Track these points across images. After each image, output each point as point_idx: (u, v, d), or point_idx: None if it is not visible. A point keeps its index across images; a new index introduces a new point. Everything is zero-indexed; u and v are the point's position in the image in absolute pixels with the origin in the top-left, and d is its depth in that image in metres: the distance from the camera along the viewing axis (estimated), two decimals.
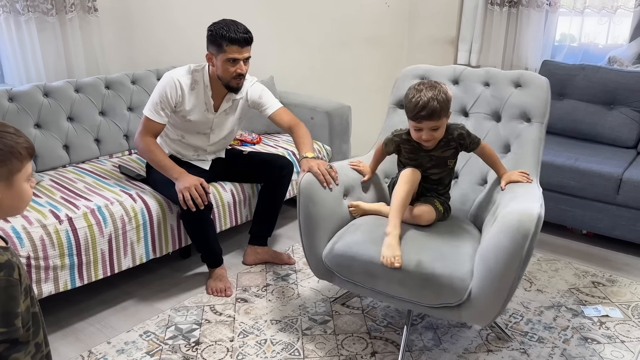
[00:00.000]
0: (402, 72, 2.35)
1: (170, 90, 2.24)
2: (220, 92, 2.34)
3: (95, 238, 2.05)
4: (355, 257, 1.81)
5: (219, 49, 2.19)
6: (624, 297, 2.34)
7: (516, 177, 1.91)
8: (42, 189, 2.23)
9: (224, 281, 2.37)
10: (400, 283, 1.74)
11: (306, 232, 1.95)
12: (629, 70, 3.06)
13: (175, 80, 2.25)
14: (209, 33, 2.21)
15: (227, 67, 2.22)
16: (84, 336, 2.08)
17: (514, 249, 1.59)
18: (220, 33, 2.16)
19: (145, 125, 2.27)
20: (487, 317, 1.71)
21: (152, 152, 2.25)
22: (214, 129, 2.43)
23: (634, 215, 2.61)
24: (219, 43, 2.18)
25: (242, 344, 2.02)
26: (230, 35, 2.15)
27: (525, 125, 2.11)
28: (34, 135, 2.44)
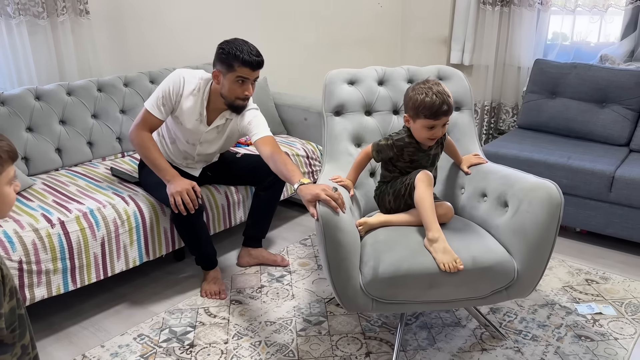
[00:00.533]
0: (328, 77, 2.26)
1: (174, 85, 2.21)
2: (216, 108, 2.27)
3: (88, 241, 2.05)
4: (409, 273, 1.70)
5: (229, 68, 2.14)
6: (617, 294, 2.35)
7: (475, 160, 2.11)
8: (34, 193, 2.22)
9: (219, 284, 2.36)
10: (457, 284, 1.72)
11: (337, 265, 1.70)
12: (621, 68, 3.07)
13: (181, 77, 2.22)
14: (220, 51, 2.14)
15: (234, 88, 2.17)
16: (77, 340, 2.07)
17: (551, 220, 1.73)
18: (233, 53, 2.11)
19: (144, 118, 2.22)
20: (529, 288, 1.83)
21: (148, 148, 2.20)
22: (202, 143, 2.36)
23: (626, 212, 2.62)
24: (230, 63, 2.12)
25: (237, 346, 2.02)
26: (243, 57, 2.11)
27: (457, 114, 2.24)
28: (26, 139, 2.43)
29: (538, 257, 1.77)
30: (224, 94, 2.20)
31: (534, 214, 1.75)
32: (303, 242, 2.82)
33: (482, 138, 3.73)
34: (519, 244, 1.78)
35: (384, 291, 1.74)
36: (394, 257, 1.73)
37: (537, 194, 1.76)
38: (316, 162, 3.00)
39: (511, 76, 3.61)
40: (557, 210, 1.74)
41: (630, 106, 2.98)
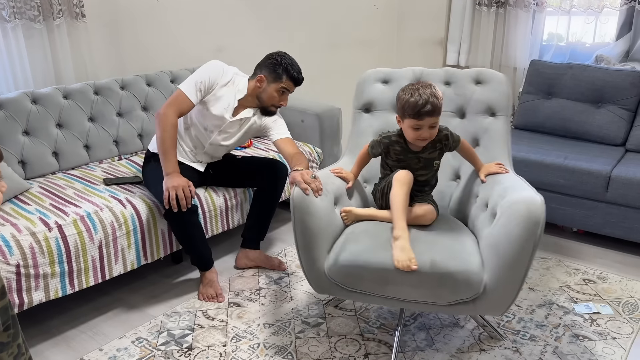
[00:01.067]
0: (363, 76, 2.33)
1: (215, 73, 2.31)
2: (245, 104, 2.39)
3: (86, 245, 2.04)
4: (366, 265, 1.74)
5: (276, 78, 2.32)
6: (615, 293, 2.36)
7: (494, 169, 2.00)
8: (31, 197, 2.22)
9: (215, 287, 2.36)
10: (414, 285, 1.72)
11: (304, 247, 1.85)
12: (616, 68, 3.09)
13: (221, 67, 2.34)
14: (274, 61, 2.33)
15: (275, 96, 2.35)
16: (75, 344, 2.07)
17: (527, 237, 1.63)
18: (285, 67, 2.32)
19: (178, 99, 2.24)
20: (502, 307, 1.74)
21: (167, 132, 2.19)
22: (221, 132, 2.40)
23: (623, 212, 2.63)
24: (279, 74, 2.32)
25: (235, 349, 2.01)
26: (293, 73, 2.33)
27: (491, 119, 2.19)
28: (23, 143, 2.43)
29: (510, 274, 1.66)
30: (264, 98, 2.35)
31: (508, 228, 1.66)
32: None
33: None
34: (491, 258, 1.71)
35: (342, 278, 1.81)
36: (357, 248, 1.80)
37: (516, 208, 1.66)
38: (313, 163, 3.00)
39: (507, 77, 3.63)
40: (535, 228, 1.61)
41: (626, 106, 3.00)
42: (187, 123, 2.42)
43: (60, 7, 2.58)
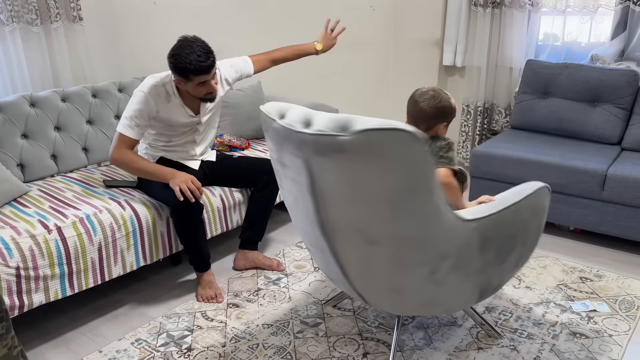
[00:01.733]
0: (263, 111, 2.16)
1: (144, 107, 2.24)
2: (195, 101, 2.35)
3: (85, 247, 2.05)
4: None
5: (186, 79, 2.19)
6: (612, 291, 2.37)
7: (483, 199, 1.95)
8: (30, 199, 2.23)
9: (214, 288, 2.37)
10: None
11: None
12: (611, 67, 3.11)
13: (150, 96, 2.25)
14: (172, 65, 2.17)
15: (198, 90, 2.25)
16: (75, 346, 2.07)
17: None
18: (183, 67, 2.13)
19: (120, 140, 2.25)
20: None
21: (135, 161, 2.25)
22: (200, 130, 2.47)
23: (619, 210, 2.65)
24: (185, 75, 2.17)
25: (235, 349, 2.02)
26: (194, 67, 2.13)
27: None
28: (21, 146, 2.43)
29: None
30: (192, 95, 2.30)
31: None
32: (299, 245, 2.83)
33: (476, 139, 3.76)
34: None
35: None
36: None
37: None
38: None
39: (503, 77, 3.64)
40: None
41: (621, 105, 3.01)
42: (167, 138, 2.42)
43: (58, 10, 2.59)
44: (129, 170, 2.29)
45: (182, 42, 2.18)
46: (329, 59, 3.84)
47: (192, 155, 2.49)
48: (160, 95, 2.28)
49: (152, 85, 2.27)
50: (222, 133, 3.02)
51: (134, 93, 2.28)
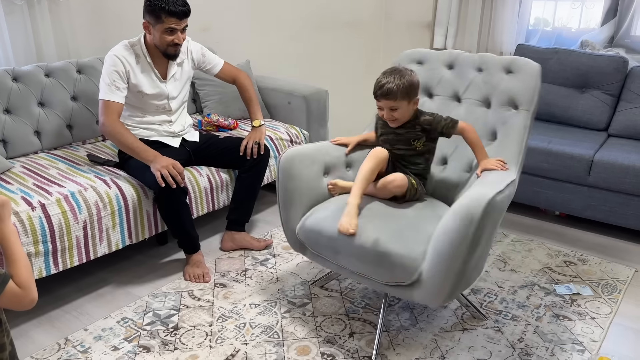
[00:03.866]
0: (400, 56, 2.36)
1: (117, 67, 2.27)
2: (162, 60, 2.38)
3: (70, 224, 2.02)
4: (321, 231, 1.88)
5: (157, 20, 2.23)
6: (595, 275, 2.41)
7: (492, 165, 1.92)
8: (13, 176, 2.18)
9: (202, 267, 2.36)
10: (358, 258, 1.79)
11: (283, 206, 2.05)
12: (601, 54, 3.11)
13: (120, 56, 2.28)
14: (147, 3, 2.23)
15: (164, 37, 2.27)
16: (60, 324, 2.06)
17: (460, 233, 1.61)
18: (159, 5, 2.19)
19: (106, 108, 2.25)
20: (437, 299, 1.72)
21: (122, 134, 2.24)
22: (170, 98, 2.45)
23: (604, 195, 2.67)
24: (158, 14, 2.21)
25: (222, 328, 2.02)
26: (169, 8, 2.19)
27: (512, 112, 2.06)
28: (4, 121, 2.38)
29: (446, 268, 1.65)
30: (157, 44, 2.31)
31: (447, 223, 1.66)
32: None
33: None
34: (432, 249, 1.69)
35: (307, 240, 1.95)
36: (321, 215, 1.93)
37: (459, 204, 1.66)
38: None
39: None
40: (469, 225, 1.60)
41: (609, 91, 3.03)
42: (142, 112, 2.42)
43: None
44: (116, 142, 2.27)
45: None
46: (319, 39, 3.80)
47: (170, 132, 2.47)
48: (130, 56, 2.31)
49: (121, 47, 2.32)
50: (210, 112, 2.98)
51: (105, 60, 2.30)
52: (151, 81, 2.37)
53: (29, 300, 1.08)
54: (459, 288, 1.74)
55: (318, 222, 1.91)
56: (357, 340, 1.96)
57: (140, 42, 2.34)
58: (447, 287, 1.68)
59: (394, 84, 1.90)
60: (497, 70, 2.14)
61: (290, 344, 1.94)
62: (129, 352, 1.90)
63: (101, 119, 2.25)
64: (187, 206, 2.31)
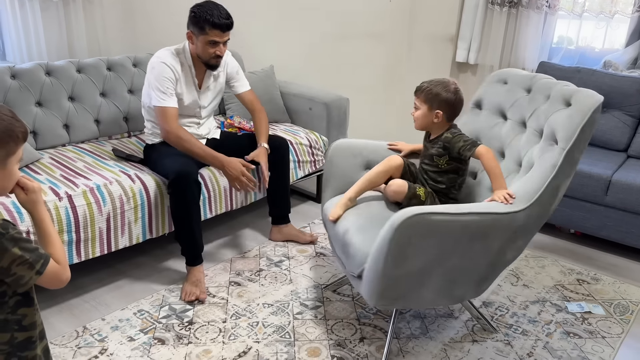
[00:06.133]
0: (491, 75, 2.36)
1: (169, 75, 2.30)
2: (201, 68, 2.42)
3: (94, 216, 2.09)
4: (325, 214, 2.13)
5: (201, 31, 2.27)
6: (607, 295, 2.41)
7: (498, 197, 1.81)
8: (42, 167, 2.26)
9: (200, 287, 2.24)
10: (336, 243, 2.04)
11: (323, 186, 2.29)
12: (623, 74, 3.11)
13: (169, 64, 2.31)
14: (192, 14, 2.28)
15: (207, 49, 2.31)
16: (79, 312, 2.12)
17: (383, 239, 1.67)
18: (203, 17, 2.23)
19: (167, 115, 2.27)
20: (371, 298, 1.79)
21: (189, 141, 2.30)
22: (202, 106, 2.50)
23: (620, 216, 2.67)
24: (202, 26, 2.25)
25: (235, 325, 2.07)
26: (213, 20, 2.23)
27: (552, 147, 1.90)
28: (35, 113, 2.46)
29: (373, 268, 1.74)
30: (199, 54, 2.35)
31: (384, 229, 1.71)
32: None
33: None
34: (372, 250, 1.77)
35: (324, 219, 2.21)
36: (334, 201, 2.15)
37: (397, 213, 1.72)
38: (319, 151, 3.03)
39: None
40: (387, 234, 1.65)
41: (631, 112, 3.03)
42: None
43: None
44: (182, 148, 2.29)
45: (207, 1, 2.31)
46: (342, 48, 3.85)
47: (197, 134, 2.51)
48: (177, 64, 2.34)
49: (168, 55, 2.35)
50: (233, 115, 3.04)
51: (152, 66, 2.31)
52: (190, 90, 2.41)
53: (66, 277, 1.16)
54: (394, 296, 1.77)
55: (328, 206, 2.15)
56: (367, 345, 1.99)
57: (185, 50, 2.37)
58: (376, 288, 1.75)
59: (426, 84, 2.00)
60: (558, 100, 1.99)
61: (301, 345, 1.98)
62: (144, 343, 1.95)
63: (165, 127, 2.28)
64: (197, 205, 2.27)
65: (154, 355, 1.89)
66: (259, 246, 2.68)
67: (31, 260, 1.07)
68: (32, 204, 1.18)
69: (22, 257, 1.06)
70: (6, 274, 1.05)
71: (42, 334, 1.18)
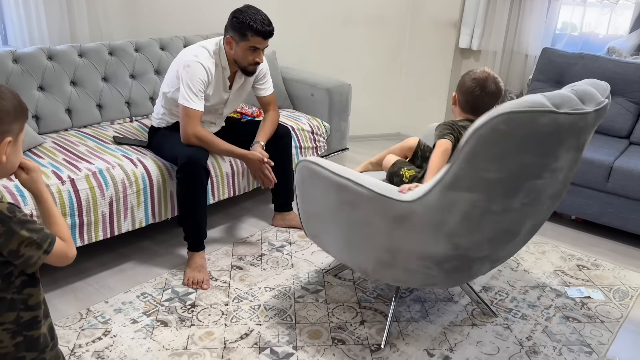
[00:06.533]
0: None
1: (204, 77, 2.26)
2: (234, 69, 2.40)
3: (97, 200, 2.10)
4: None
5: (243, 37, 2.24)
6: (607, 280, 2.42)
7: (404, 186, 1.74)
8: (44, 151, 2.27)
9: (203, 272, 2.25)
10: None
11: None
12: (627, 61, 3.10)
13: (206, 67, 2.26)
14: (234, 20, 2.23)
15: (247, 55, 2.28)
16: (82, 295, 2.14)
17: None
18: (247, 23, 2.20)
19: (189, 115, 2.25)
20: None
21: (212, 141, 2.31)
22: (227, 105, 2.50)
23: (622, 202, 2.68)
24: (244, 32, 2.22)
25: (237, 308, 2.09)
26: (257, 27, 2.21)
27: None
28: (37, 98, 2.47)
29: None
30: (238, 60, 2.32)
31: None
32: None
33: None
34: None
35: None
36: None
37: None
38: (320, 137, 3.04)
39: (518, 63, 3.63)
40: None
41: (634, 99, 3.02)
42: None
43: None
44: (206, 147, 2.30)
45: (248, 5, 2.28)
46: (344, 33, 3.83)
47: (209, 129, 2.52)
48: (212, 66, 2.30)
49: (206, 55, 2.29)
50: None
51: (188, 64, 2.24)
52: (219, 90, 2.39)
53: (72, 254, 1.17)
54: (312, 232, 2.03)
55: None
56: (367, 328, 2.01)
57: (221, 51, 2.33)
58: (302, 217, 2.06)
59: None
60: None
61: (302, 327, 2.00)
62: (147, 325, 1.97)
63: (187, 129, 2.26)
64: (204, 192, 2.28)
65: (157, 337, 1.91)
66: (260, 231, 2.69)
67: (39, 240, 1.09)
68: (34, 183, 1.19)
69: (30, 238, 1.07)
70: (15, 255, 1.07)
71: (47, 313, 1.20)
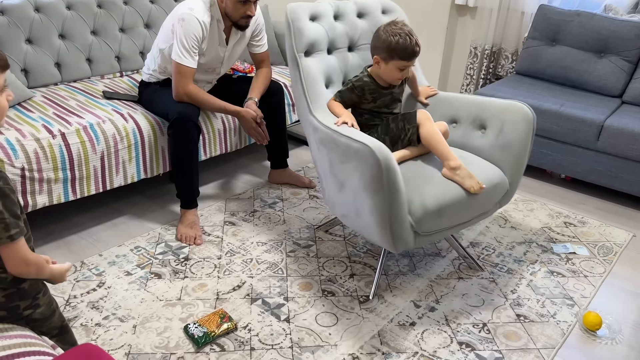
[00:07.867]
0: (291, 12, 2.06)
1: (198, 33, 2.21)
2: (227, 26, 2.35)
3: (88, 154, 2.10)
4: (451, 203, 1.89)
5: None
6: (592, 237, 2.47)
7: (431, 92, 2.24)
8: (34, 105, 2.25)
9: (195, 229, 2.27)
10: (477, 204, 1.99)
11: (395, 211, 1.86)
12: (623, 19, 3.07)
13: (201, 21, 2.21)
14: None
15: (237, 8, 2.24)
16: (76, 248, 2.17)
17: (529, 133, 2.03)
18: None
19: (181, 72, 2.22)
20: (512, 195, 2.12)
21: (204, 99, 2.30)
22: (224, 63, 2.47)
23: (610, 161, 2.70)
24: None
25: (229, 262, 2.13)
26: None
27: None
28: (25, 51, 2.43)
29: (520, 167, 2.05)
30: (229, 13, 2.27)
31: (517, 131, 2.00)
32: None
33: (480, 82, 3.75)
34: (507, 159, 2.03)
35: (431, 224, 1.83)
36: (434, 190, 1.83)
37: (517, 114, 2.01)
38: None
39: (514, 21, 3.58)
40: (532, 124, 2.00)
41: (628, 58, 3.00)
42: None
43: None
44: (198, 104, 2.29)
45: None
46: None
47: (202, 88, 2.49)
48: (208, 20, 2.25)
49: (202, 9, 2.23)
50: None
51: (182, 18, 2.19)
52: (214, 46, 2.34)
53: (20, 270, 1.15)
54: None
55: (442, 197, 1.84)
56: (356, 281, 2.06)
57: (216, 5, 2.27)
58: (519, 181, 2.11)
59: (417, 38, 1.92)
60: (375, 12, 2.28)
61: (293, 280, 2.04)
62: (141, 277, 2.01)
63: (180, 86, 2.24)
64: (196, 147, 2.28)
65: (151, 289, 1.95)
66: (253, 188, 2.72)
67: (9, 222, 1.07)
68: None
69: (2, 214, 1.06)
70: None
71: None
